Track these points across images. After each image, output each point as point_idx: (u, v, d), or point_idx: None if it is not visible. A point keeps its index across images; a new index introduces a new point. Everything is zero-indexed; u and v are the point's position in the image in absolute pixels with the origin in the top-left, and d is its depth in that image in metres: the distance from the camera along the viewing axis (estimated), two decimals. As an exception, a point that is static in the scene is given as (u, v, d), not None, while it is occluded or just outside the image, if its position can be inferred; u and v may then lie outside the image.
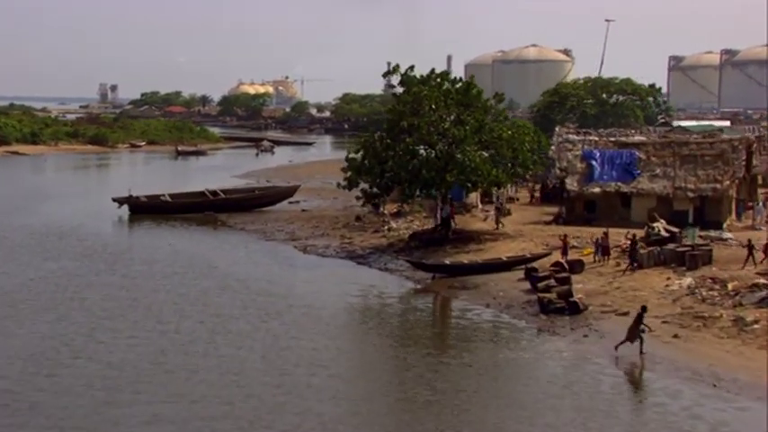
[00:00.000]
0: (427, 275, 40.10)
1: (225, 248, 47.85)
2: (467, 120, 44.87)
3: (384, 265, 43.07)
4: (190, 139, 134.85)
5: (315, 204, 65.42)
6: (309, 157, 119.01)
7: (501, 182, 44.72)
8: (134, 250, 46.97)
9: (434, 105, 44.77)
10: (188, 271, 41.60)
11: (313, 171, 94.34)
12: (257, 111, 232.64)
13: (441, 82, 46.16)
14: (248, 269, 42.27)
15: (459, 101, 45.68)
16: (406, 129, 45.00)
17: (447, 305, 35.84)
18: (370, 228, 52.23)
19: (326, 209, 62.69)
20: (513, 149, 45.06)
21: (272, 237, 51.44)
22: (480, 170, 43.44)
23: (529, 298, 35.03)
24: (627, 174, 48.49)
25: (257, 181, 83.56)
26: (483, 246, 44.38)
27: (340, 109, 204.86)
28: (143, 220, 58.26)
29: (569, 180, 49.27)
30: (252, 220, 57.56)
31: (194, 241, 50.19)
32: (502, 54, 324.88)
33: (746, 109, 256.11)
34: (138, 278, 39.84)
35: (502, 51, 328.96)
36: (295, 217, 58.53)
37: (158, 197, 61.81)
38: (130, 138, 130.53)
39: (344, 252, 46.25)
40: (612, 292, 34.58)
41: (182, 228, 55.44)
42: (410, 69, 46.79)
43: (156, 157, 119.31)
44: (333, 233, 51.66)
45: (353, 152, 46.68)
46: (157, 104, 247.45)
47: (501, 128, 45.11)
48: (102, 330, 30.94)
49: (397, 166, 44.17)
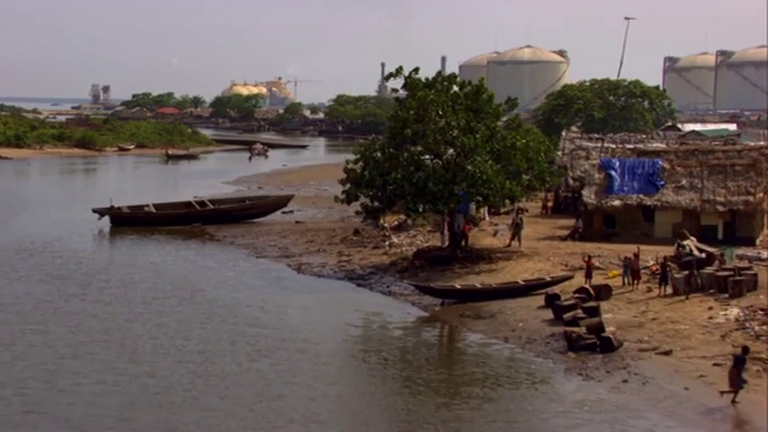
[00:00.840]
0: (435, 301, 35.80)
1: (212, 267, 43.41)
2: (477, 127, 40.56)
3: (387, 287, 38.70)
4: (180, 142, 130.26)
5: (309, 215, 61.06)
6: (303, 161, 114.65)
7: (515, 195, 40.36)
8: (111, 270, 42.51)
9: (441, 111, 40.44)
10: (170, 295, 37.21)
11: (307, 176, 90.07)
12: (250, 112, 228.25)
13: (448, 86, 41.82)
14: (237, 293, 37.88)
15: (469, 106, 41.36)
16: (411, 137, 40.68)
17: (460, 339, 31.45)
18: (369, 243, 47.89)
19: (322, 220, 58.36)
20: (528, 160, 40.74)
21: (263, 253, 47.03)
22: (492, 183, 39.12)
23: (552, 330, 30.72)
24: (650, 185, 44.19)
25: (248, 188, 79.28)
26: (495, 266, 40.05)
27: (334, 111, 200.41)
28: (125, 233, 53.80)
29: (586, 192, 44.96)
30: (242, 233, 53.16)
31: (179, 259, 45.73)
32: (496, 55, 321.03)
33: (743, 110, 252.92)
34: (112, 304, 35.42)
35: (496, 52, 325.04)
36: (288, 230, 54.15)
37: (142, 208, 57.35)
38: (119, 141, 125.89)
39: (343, 272, 41.86)
40: (648, 325, 30.25)
41: (166, 242, 51.00)
42: (414, 72, 42.45)
43: (145, 161, 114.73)
44: (329, 249, 47.29)
45: (352, 162, 42.31)
46: (149, 106, 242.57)
47: (514, 136, 40.78)
48: (64, 374, 26.55)
49: (401, 179, 39.82)
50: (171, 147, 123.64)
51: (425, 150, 40.56)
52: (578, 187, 48.57)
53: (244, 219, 57.59)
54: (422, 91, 40.96)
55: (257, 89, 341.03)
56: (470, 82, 42.70)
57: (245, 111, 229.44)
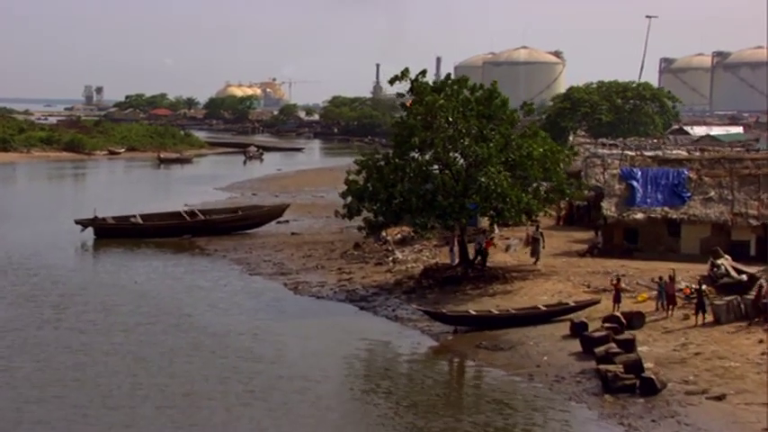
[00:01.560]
0: (447, 328, 32.13)
1: (201, 287, 39.68)
2: (490, 135, 36.92)
3: (392, 311, 35.01)
4: (172, 145, 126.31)
5: (306, 225, 57.35)
6: (298, 165, 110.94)
7: (532, 210, 36.70)
8: (91, 290, 38.74)
9: (451, 118, 36.79)
10: (154, 321, 33.53)
11: (302, 182, 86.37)
12: (244, 114, 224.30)
13: (458, 90, 38.17)
14: (228, 318, 34.18)
15: (481, 112, 37.72)
16: (418, 145, 37.03)
17: (479, 376, 27.75)
18: (371, 258, 44.22)
19: (319, 231, 54.66)
20: (545, 170, 37.11)
21: (257, 270, 43.30)
22: (508, 196, 35.48)
23: (582, 366, 27.08)
24: (675, 197, 40.61)
25: (242, 194, 75.58)
26: (510, 286, 36.41)
27: (329, 112, 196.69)
28: (110, 246, 50.07)
29: (606, 204, 41.34)
30: (234, 247, 49.45)
31: (166, 276, 41.98)
32: (492, 56, 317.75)
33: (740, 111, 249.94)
34: (89, 332, 31.72)
35: (492, 53, 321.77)
36: (284, 242, 50.46)
37: (128, 219, 53.58)
38: (110, 144, 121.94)
39: (343, 292, 38.17)
40: (692, 361, 26.61)
41: (153, 257, 47.27)
42: (422, 74, 38.81)
43: (136, 165, 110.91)
44: (328, 265, 43.60)
45: (354, 173, 38.63)
46: (142, 107, 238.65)
47: (531, 144, 37.13)
48: (25, 425, 22.86)
49: (408, 191, 36.15)
50: (163, 150, 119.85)
51: (434, 160, 36.89)
52: (593, 197, 45.07)
53: (236, 230, 53.92)
54: (430, 95, 37.32)
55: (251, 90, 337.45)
56: (482, 85, 39.07)
57: (240, 112, 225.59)
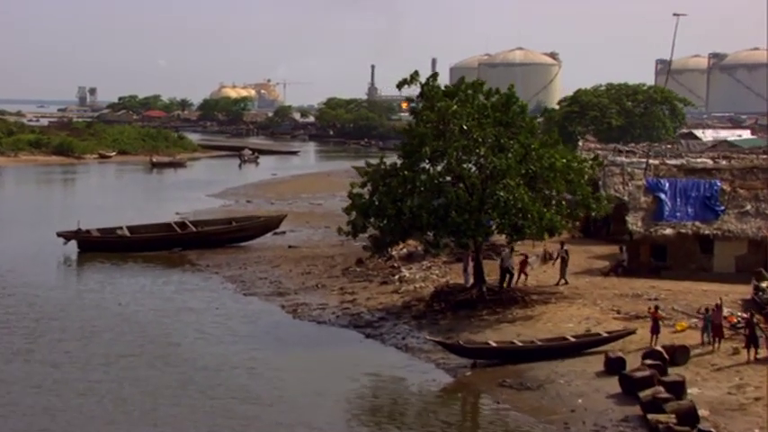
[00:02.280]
0: (465, 360, 28.59)
1: (192, 309, 36.08)
2: (508, 144, 33.37)
3: (402, 339, 31.43)
4: (165, 148, 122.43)
5: (304, 236, 53.79)
6: (294, 169, 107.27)
7: (555, 227, 33.13)
8: (71, 313, 35.12)
9: (466, 126, 33.24)
10: (138, 351, 29.97)
11: (299, 188, 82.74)
12: (238, 115, 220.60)
13: (473, 95, 34.62)
14: (221, 348, 30.59)
15: (498, 119, 34.17)
16: (429, 156, 33.46)
17: (506, 425, 24.16)
18: (375, 276, 40.68)
19: (318, 244, 51.09)
20: (569, 183, 33.58)
21: (252, 289, 39.71)
22: (529, 212, 31.95)
23: (625, 412, 23.55)
24: (707, 210, 37.18)
25: (236, 201, 71.97)
26: (531, 311, 32.90)
27: (325, 114, 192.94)
28: (94, 260, 46.45)
29: (632, 218, 37.89)
30: (227, 262, 45.85)
31: (153, 297, 38.34)
32: (488, 57, 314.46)
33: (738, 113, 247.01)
34: (64, 367, 28.14)
35: (488, 54, 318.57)
36: (281, 257, 46.88)
37: (114, 231, 49.87)
38: (101, 147, 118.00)
39: (347, 316, 34.59)
40: (752, 408, 23.07)
41: (140, 273, 43.65)
42: (433, 78, 35.27)
43: (128, 169, 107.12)
44: (329, 284, 40.04)
45: (358, 186, 35.04)
46: (135, 108, 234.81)
47: (552, 155, 33.58)
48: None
49: (418, 207, 32.56)
50: (155, 154, 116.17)
51: (447, 172, 33.32)
52: (612, 209, 41.56)
53: (230, 242, 50.34)
54: (442, 101, 33.77)
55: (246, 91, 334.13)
56: (498, 90, 35.51)
57: (234, 114, 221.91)
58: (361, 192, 34.68)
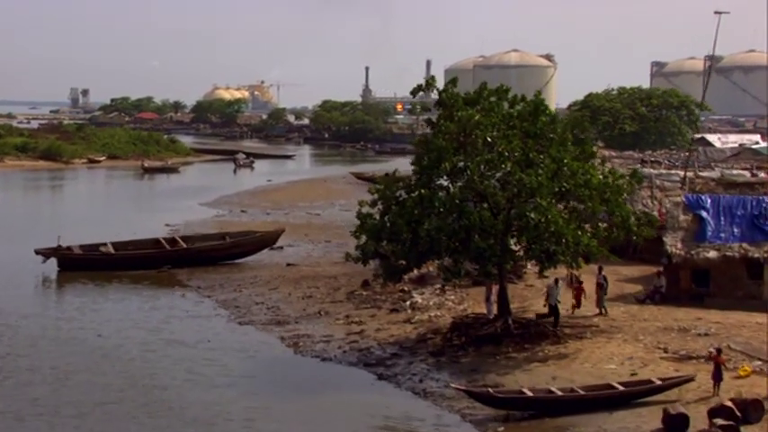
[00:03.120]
0: (495, 411, 24.51)
1: (181, 342, 31.89)
2: (537, 159, 29.30)
3: (419, 381, 27.28)
4: (156, 152, 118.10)
5: (303, 252, 49.69)
6: (289, 175, 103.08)
7: (592, 253, 29.03)
8: (43, 348, 30.91)
9: (490, 138, 29.18)
10: (118, 398, 25.85)
11: (295, 195, 78.60)
12: (232, 118, 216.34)
13: (497, 102, 30.56)
14: (214, 394, 26.42)
15: (525, 130, 30.12)
16: (449, 172, 29.39)
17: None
18: (384, 302, 36.55)
19: (319, 261, 46.98)
20: (605, 202, 29.51)
21: (248, 316, 35.58)
22: (564, 236, 27.89)
23: (695, 485, 19.57)
24: (756, 230, 33.15)
25: (230, 210, 67.79)
26: (564, 348, 28.83)
27: (319, 117, 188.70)
28: (76, 280, 42.30)
29: (670, 239, 33.84)
30: (221, 282, 41.73)
31: (138, 326, 34.09)
32: (482, 59, 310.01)
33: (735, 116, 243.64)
34: (29, 421, 24.04)
35: (482, 56, 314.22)
36: (279, 276, 42.76)
37: (97, 248, 45.62)
38: (90, 151, 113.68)
39: (355, 352, 30.44)
40: None
41: (124, 296, 39.51)
42: (452, 84, 31.21)
43: (118, 174, 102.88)
44: (333, 310, 35.91)
45: (368, 204, 30.89)
46: (128, 110, 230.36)
47: (588, 170, 29.52)
48: None
49: (437, 230, 28.45)
50: (146, 158, 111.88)
51: (469, 190, 29.18)
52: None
53: (224, 260, 46.22)
54: (463, 110, 29.69)
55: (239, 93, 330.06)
56: (524, 97, 31.48)
57: (227, 116, 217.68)
58: (371, 211, 30.53)
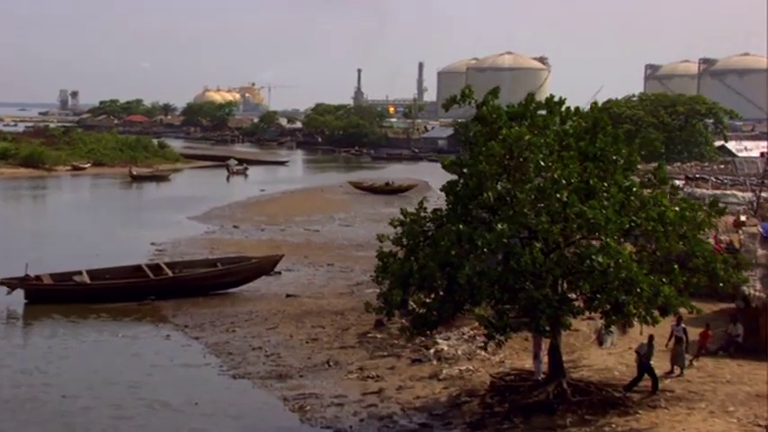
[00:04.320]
0: None
1: (162, 403, 26.03)
2: (599, 186, 23.59)
3: (460, 468, 21.66)
4: (144, 159, 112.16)
5: (303, 278, 43.94)
6: (283, 183, 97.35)
7: (671, 305, 23.29)
8: (-6, 416, 25.20)
9: (543, 161, 23.47)
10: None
11: (291, 208, 72.85)
12: (223, 121, 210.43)
13: (549, 117, 24.88)
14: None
15: (583, 151, 24.44)
16: (492, 204, 23.64)
17: None
18: (403, 347, 30.74)
19: (322, 290, 41.22)
20: (683, 239, 23.81)
21: (243, 366, 29.75)
22: (639, 285, 22.19)
23: None
24: None
25: (221, 226, 61.93)
26: (636, 421, 23.04)
27: (312, 120, 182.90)
28: (46, 316, 36.47)
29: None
30: (211, 319, 35.92)
31: (112, 382, 28.14)
32: (476, 61, 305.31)
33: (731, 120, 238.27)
34: None
35: (476, 59, 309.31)
36: (278, 312, 36.95)
37: (71, 277, 39.73)
38: (75, 157, 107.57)
39: (374, 420, 24.64)
40: None
41: (100, 337, 33.65)
42: (493, 95, 25.45)
43: (104, 183, 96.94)
44: (344, 359, 30.11)
45: (390, 239, 25.05)
46: (117, 113, 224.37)
47: (661, 201, 23.85)
48: None
49: (479, 275, 22.71)
50: (134, 165, 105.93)
51: (517, 225, 23.40)
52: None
53: (215, 289, 40.46)
54: (507, 128, 23.98)
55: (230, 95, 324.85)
56: (577, 110, 25.84)
57: (218, 119, 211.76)
58: (395, 249, 24.76)
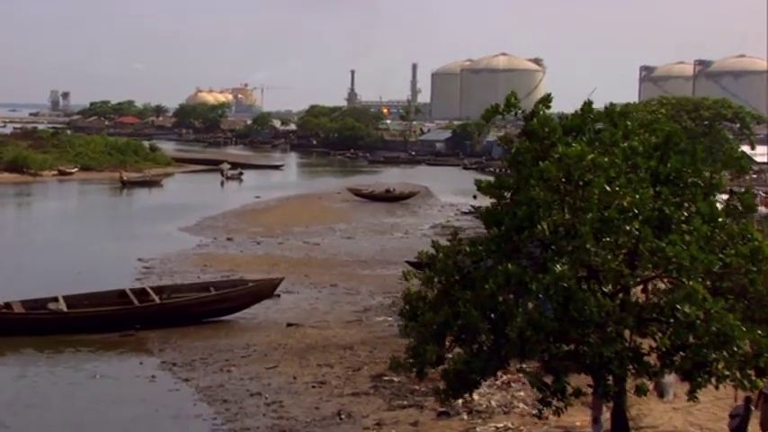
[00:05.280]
0: None
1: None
2: (677, 216, 19.11)
3: None
4: (134, 163, 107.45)
5: (305, 303, 39.35)
6: (278, 189, 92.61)
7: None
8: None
9: (609, 186, 18.94)
10: None
11: (288, 217, 68.34)
12: (216, 123, 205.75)
13: (615, 132, 20.41)
14: None
15: (653, 172, 19.97)
16: (548, 237, 19.11)
17: None
18: (425, 394, 26.23)
19: (327, 318, 36.65)
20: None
21: (240, 419, 25.10)
22: (735, 342, 17.73)
23: None
24: None
25: (214, 239, 57.36)
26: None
27: (307, 123, 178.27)
28: (15, 350, 31.89)
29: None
30: (203, 355, 31.30)
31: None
32: (470, 63, 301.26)
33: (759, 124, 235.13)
34: None
35: (470, 60, 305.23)
36: (278, 346, 32.28)
37: (46, 303, 35.04)
38: (61, 161, 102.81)
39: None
40: None
41: (75, 380, 29.01)
42: (544, 104, 20.90)
43: (92, 189, 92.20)
44: (357, 410, 25.51)
45: (414, 275, 20.53)
46: (108, 114, 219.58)
47: (750, 231, 19.42)
48: None
49: (533, 326, 18.22)
50: (125, 169, 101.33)
51: (578, 264, 18.87)
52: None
53: (207, 317, 35.91)
54: (564, 145, 19.49)
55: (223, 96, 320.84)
56: (650, 122, 21.42)
57: (211, 121, 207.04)
58: (426, 292, 20.22)
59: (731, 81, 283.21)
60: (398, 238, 58.01)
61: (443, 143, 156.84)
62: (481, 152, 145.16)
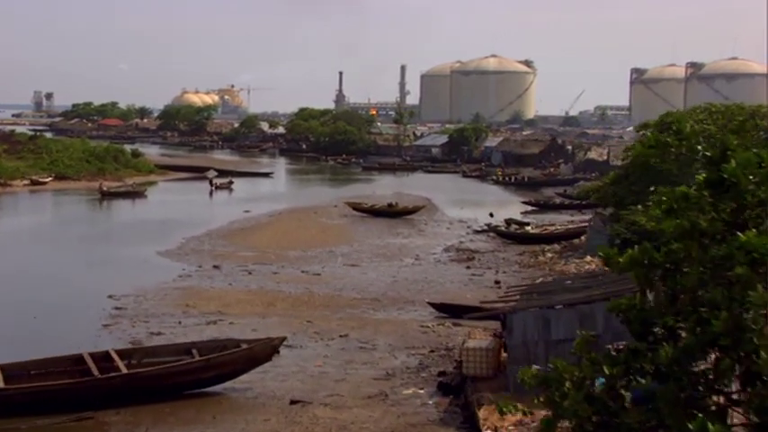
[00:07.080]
0: None
1: None
2: None
3: None
4: (114, 170, 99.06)
5: (311, 365, 31.03)
6: (269, 201, 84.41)
7: None
8: None
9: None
10: None
11: (282, 237, 60.22)
12: (201, 125, 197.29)
13: None
14: None
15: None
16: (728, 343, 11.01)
17: None
18: None
19: (341, 389, 28.40)
20: None
21: None
22: None
23: None
24: None
25: (199, 267, 49.02)
26: None
27: (296, 126, 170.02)
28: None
29: None
30: (183, 452, 23.34)
31: None
32: (460, 64, 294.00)
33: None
34: None
35: (460, 62, 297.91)
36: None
37: (-17, 376, 26.80)
38: (35, 169, 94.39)
39: None
40: None
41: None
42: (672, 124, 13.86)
43: (68, 201, 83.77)
44: None
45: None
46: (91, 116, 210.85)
47: None
48: None
49: None
50: (104, 178, 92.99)
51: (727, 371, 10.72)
52: None
53: (189, 389, 27.74)
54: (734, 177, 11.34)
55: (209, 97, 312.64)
56: None
57: (196, 123, 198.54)
58: None
59: (723, 84, 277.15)
60: (410, 266, 49.96)
61: (439, 148, 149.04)
62: (480, 158, 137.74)
